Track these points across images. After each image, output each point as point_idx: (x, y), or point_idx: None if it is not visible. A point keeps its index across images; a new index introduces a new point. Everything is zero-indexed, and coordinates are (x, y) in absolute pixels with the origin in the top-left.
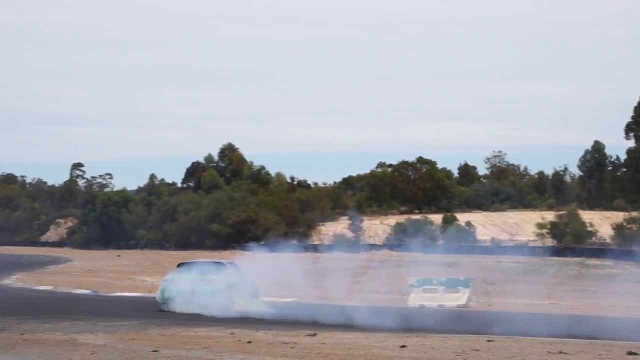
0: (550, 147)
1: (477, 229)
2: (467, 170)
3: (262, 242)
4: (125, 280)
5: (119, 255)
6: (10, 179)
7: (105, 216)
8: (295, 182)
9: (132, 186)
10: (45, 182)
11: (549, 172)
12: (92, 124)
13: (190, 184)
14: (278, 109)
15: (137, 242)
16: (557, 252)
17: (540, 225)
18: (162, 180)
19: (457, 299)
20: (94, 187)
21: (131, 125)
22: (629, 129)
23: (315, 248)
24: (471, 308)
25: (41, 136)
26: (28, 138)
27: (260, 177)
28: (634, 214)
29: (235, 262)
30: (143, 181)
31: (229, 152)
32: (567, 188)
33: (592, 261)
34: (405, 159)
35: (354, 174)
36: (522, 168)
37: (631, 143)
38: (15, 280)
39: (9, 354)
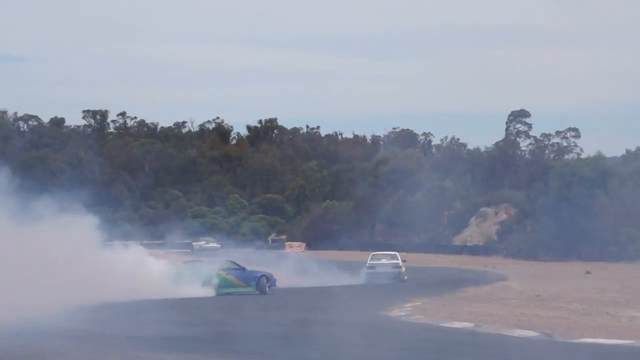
0: None
1: None
2: None
3: None
4: (600, 316)
5: (588, 272)
6: None
7: (566, 202)
8: None
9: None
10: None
11: None
12: None
13: None
14: None
15: (622, 249)
16: None
17: None
18: None
19: None
20: (547, 151)
21: None
22: None
23: None
24: None
25: None
26: None
27: None
28: None
29: None
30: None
31: None
32: None
33: None
34: None
35: None
36: None
37: None
38: (410, 311)
39: None
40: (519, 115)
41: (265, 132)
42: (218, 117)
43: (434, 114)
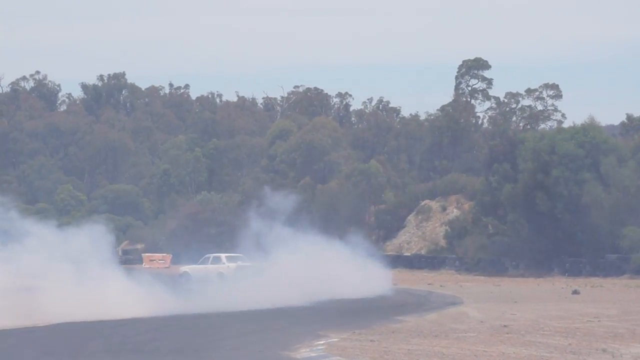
0: None
1: None
2: None
3: None
4: (594, 355)
5: (575, 291)
6: None
7: (543, 191)
8: None
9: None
10: None
11: None
12: None
13: None
14: None
15: (623, 259)
16: None
17: None
18: None
19: None
20: (514, 119)
21: None
22: None
23: None
24: None
25: None
26: None
27: None
28: None
29: None
30: None
31: None
32: None
33: None
34: None
35: None
36: None
37: None
38: (324, 351)
39: None
40: (473, 67)
41: (110, 94)
42: (38, 72)
43: (353, 66)
